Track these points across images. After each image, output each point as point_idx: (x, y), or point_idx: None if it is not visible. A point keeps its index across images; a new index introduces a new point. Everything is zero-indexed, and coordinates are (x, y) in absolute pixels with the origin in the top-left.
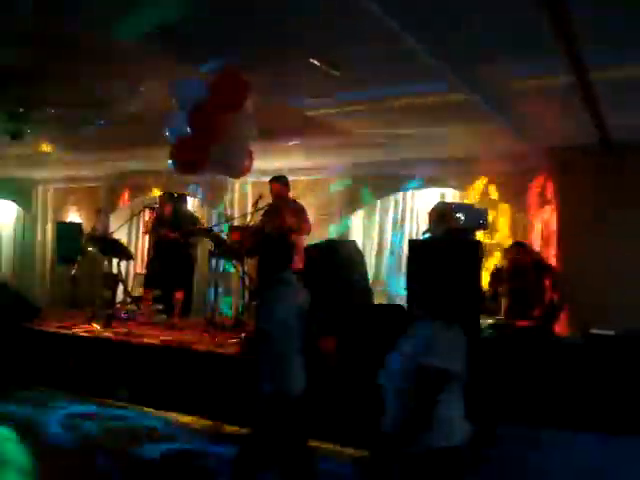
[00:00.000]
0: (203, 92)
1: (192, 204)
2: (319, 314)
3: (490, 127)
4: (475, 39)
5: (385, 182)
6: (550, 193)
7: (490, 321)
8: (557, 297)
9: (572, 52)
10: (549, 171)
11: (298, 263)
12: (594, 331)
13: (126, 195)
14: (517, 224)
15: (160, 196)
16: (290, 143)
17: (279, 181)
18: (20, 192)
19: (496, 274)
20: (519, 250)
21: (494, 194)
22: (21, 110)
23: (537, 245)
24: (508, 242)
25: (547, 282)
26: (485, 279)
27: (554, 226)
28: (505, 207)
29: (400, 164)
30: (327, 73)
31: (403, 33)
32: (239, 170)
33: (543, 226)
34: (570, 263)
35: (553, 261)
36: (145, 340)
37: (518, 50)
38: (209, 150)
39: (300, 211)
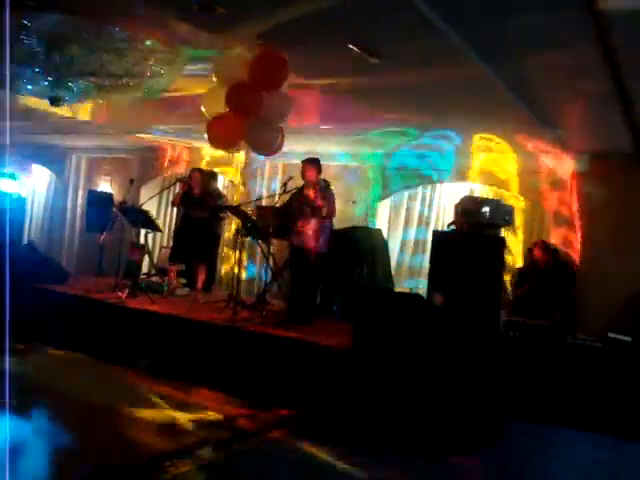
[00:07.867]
0: (243, 70)
1: (222, 182)
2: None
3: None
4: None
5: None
6: (577, 196)
7: (510, 318)
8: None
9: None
10: (578, 174)
11: (325, 246)
12: (612, 335)
13: (158, 168)
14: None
15: (190, 171)
16: (322, 127)
17: (311, 163)
18: (54, 159)
19: (519, 273)
20: (541, 250)
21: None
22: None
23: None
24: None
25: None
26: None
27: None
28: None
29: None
30: (365, 60)
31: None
32: (271, 148)
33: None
34: (592, 266)
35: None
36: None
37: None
38: (243, 127)
39: (329, 195)
